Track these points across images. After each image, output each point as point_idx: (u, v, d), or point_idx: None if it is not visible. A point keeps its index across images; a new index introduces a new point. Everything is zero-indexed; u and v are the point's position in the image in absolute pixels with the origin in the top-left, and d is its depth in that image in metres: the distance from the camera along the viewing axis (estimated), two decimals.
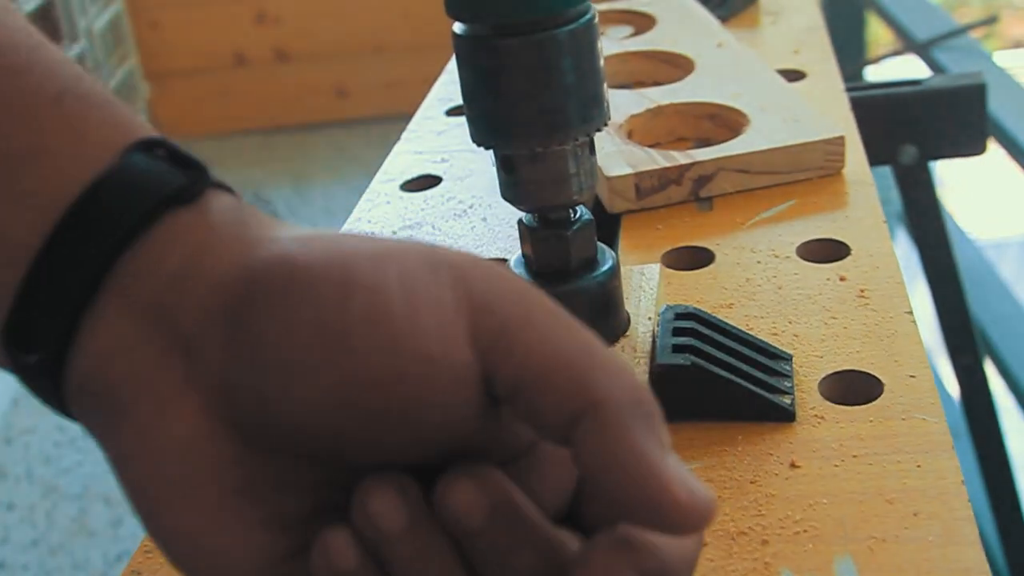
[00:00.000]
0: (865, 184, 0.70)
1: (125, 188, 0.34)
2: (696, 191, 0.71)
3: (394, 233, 0.72)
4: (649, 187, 0.71)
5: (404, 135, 0.87)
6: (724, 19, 1.01)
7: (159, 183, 0.35)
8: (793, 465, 0.48)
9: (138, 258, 0.34)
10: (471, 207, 0.75)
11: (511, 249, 0.68)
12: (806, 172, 0.71)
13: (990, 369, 1.52)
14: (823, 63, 0.89)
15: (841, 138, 0.71)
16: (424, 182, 0.79)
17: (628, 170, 0.70)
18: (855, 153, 0.74)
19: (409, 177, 0.80)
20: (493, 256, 0.68)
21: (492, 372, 0.33)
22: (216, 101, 3.37)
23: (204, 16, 3.30)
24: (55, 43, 0.38)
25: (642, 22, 0.96)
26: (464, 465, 0.34)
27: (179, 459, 0.33)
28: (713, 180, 0.71)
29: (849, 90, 0.85)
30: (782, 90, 0.78)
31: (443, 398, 0.33)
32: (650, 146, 0.75)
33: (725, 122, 0.77)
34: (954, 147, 1.01)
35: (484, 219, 0.73)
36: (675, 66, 0.86)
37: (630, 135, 0.77)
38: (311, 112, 3.37)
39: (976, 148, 0.99)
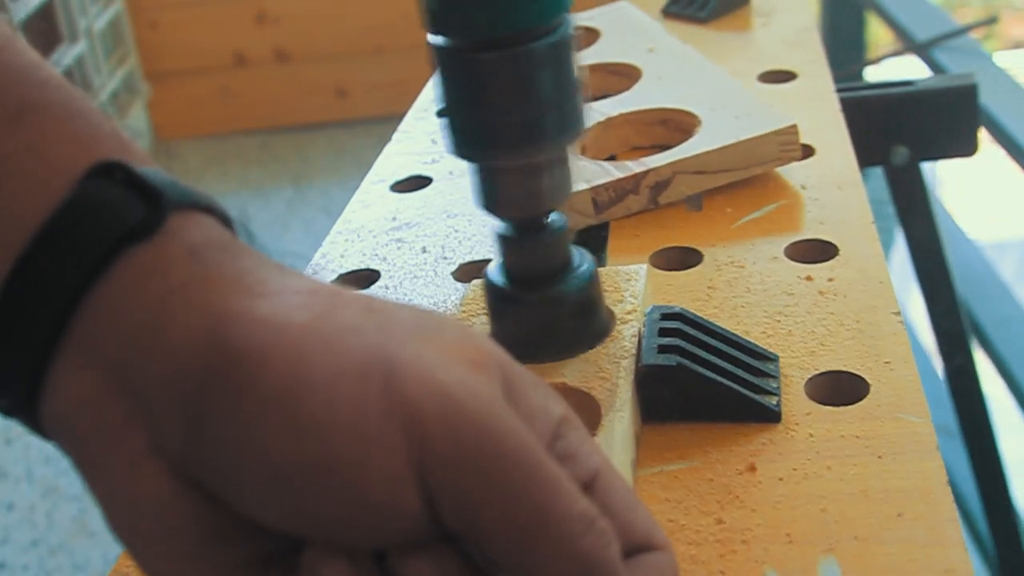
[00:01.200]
0: (853, 185, 0.70)
1: (82, 225, 0.33)
2: (655, 198, 0.71)
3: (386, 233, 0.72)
4: (607, 200, 0.70)
5: (395, 136, 0.88)
6: (705, 20, 1.01)
7: (116, 217, 0.34)
8: (751, 468, 0.48)
9: (98, 307, 0.33)
10: (460, 208, 0.75)
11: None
12: (763, 165, 0.71)
13: (989, 369, 1.52)
14: (814, 64, 0.89)
15: (794, 127, 0.71)
16: (414, 183, 0.79)
17: (583, 186, 0.69)
18: (844, 154, 0.74)
19: (400, 178, 0.80)
20: (481, 257, 0.68)
21: (439, 518, 0.33)
22: (216, 101, 3.36)
23: (204, 16, 3.30)
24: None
25: (585, 36, 0.95)
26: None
27: (152, 514, 0.33)
28: (671, 185, 0.70)
29: (840, 91, 0.85)
30: (731, 87, 0.78)
31: (396, 529, 0.33)
32: (606, 159, 0.74)
33: (678, 125, 0.76)
34: (946, 148, 1.00)
35: (472, 220, 0.73)
36: (624, 76, 0.85)
37: (583, 151, 0.76)
38: (311, 112, 3.37)
39: (968, 149, 0.99)
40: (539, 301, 0.52)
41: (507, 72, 0.46)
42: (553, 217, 0.51)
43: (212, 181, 3.14)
